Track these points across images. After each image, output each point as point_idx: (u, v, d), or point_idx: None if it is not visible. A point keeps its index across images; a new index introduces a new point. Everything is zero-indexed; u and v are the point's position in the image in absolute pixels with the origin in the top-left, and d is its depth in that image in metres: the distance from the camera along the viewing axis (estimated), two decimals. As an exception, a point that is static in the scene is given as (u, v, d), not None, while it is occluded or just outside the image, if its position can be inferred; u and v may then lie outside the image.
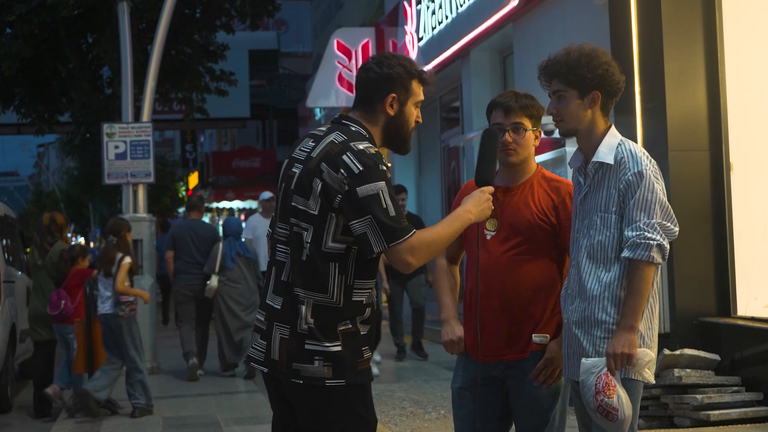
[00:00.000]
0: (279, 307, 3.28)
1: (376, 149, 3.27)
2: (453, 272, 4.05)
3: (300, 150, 3.33)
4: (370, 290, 3.29)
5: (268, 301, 3.33)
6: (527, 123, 3.87)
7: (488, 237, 3.88)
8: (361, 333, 3.28)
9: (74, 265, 8.69)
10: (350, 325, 3.24)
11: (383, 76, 3.32)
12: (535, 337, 3.81)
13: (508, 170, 3.88)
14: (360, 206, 3.15)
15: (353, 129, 3.31)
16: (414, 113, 3.40)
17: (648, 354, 3.45)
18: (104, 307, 8.20)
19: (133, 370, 8.20)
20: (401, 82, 3.33)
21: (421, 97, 3.41)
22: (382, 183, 3.17)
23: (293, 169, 3.30)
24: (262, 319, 3.34)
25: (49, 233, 9.30)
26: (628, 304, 3.43)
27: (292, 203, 3.26)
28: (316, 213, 3.20)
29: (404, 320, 11.19)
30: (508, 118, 3.86)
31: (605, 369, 3.42)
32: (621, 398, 3.40)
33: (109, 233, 8.44)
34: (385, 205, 3.15)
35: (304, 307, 3.22)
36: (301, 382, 3.22)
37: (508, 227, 3.85)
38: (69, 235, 9.59)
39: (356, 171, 3.16)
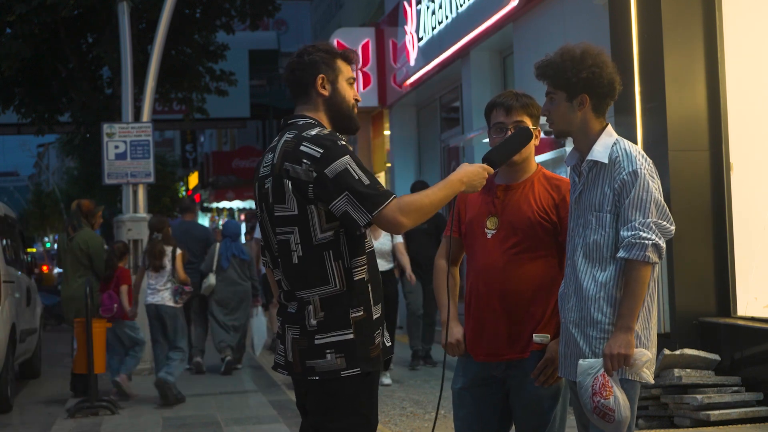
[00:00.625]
0: (293, 311, 3.31)
1: (329, 129, 3.31)
2: (453, 273, 4.03)
3: (263, 167, 3.36)
4: (365, 266, 3.30)
5: (284, 309, 3.38)
6: (528, 122, 3.87)
7: (489, 236, 3.87)
8: (374, 317, 3.30)
9: (121, 261, 9.21)
10: (362, 312, 3.26)
11: (306, 63, 3.38)
12: (536, 337, 3.80)
13: (510, 169, 3.87)
14: (334, 186, 3.16)
15: (300, 123, 3.35)
16: (349, 91, 3.44)
17: (645, 354, 3.44)
18: (154, 299, 8.92)
19: (178, 355, 8.84)
20: (325, 62, 3.39)
21: (351, 74, 3.45)
22: (347, 157, 3.19)
23: (266, 186, 3.32)
24: (279, 324, 3.39)
25: (76, 219, 9.61)
26: (625, 305, 3.41)
27: (276, 214, 3.28)
28: (296, 212, 3.22)
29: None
30: (510, 117, 3.87)
31: (602, 370, 3.41)
32: (618, 399, 3.38)
33: (153, 231, 9.08)
34: (357, 176, 3.17)
35: (311, 307, 3.24)
36: (317, 378, 3.24)
37: (508, 225, 3.84)
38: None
39: (318, 155, 3.18)
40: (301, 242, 3.23)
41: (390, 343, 3.44)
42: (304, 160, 3.18)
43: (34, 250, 59.11)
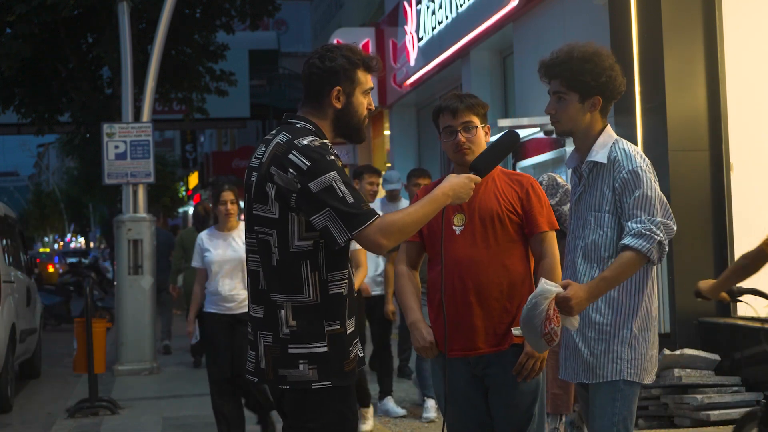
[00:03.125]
0: (261, 316, 3.27)
1: (322, 140, 3.23)
2: (415, 277, 4.07)
3: (255, 158, 3.32)
4: (346, 281, 3.27)
5: (250, 312, 3.34)
6: (476, 120, 3.93)
7: (457, 233, 3.89)
8: (348, 331, 3.27)
9: None
10: (338, 326, 3.23)
11: (326, 70, 3.29)
12: (515, 330, 3.81)
13: (467, 169, 3.86)
14: (316, 201, 3.12)
15: (298, 126, 3.29)
16: (363, 102, 3.35)
17: (573, 324, 3.36)
18: None
19: None
20: (345, 73, 3.29)
21: (369, 84, 3.37)
22: (333, 173, 3.14)
23: (252, 178, 3.29)
24: (250, 330, 3.35)
25: (206, 221, 10.59)
26: (609, 273, 3.35)
27: (254, 212, 3.26)
28: (276, 216, 3.19)
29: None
30: (457, 119, 3.92)
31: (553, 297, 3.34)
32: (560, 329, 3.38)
33: None
34: (341, 194, 3.12)
35: (283, 312, 3.20)
36: (288, 387, 3.22)
37: (477, 221, 3.87)
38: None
39: (304, 167, 3.13)
40: (279, 246, 3.20)
41: (362, 354, 3.39)
42: (291, 170, 3.14)
43: (47, 249, 59.39)
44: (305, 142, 3.18)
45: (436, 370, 4.00)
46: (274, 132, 3.33)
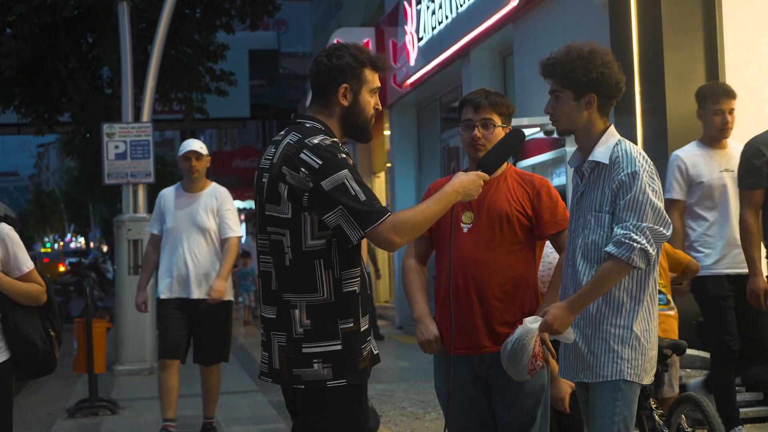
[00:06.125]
0: (273, 317, 3.28)
1: (333, 139, 3.26)
2: (423, 271, 4.06)
3: (264, 159, 3.33)
4: (359, 278, 3.28)
5: (263, 314, 3.35)
6: (496, 119, 3.92)
7: (465, 230, 3.89)
8: (362, 329, 3.28)
9: None
10: (351, 323, 3.24)
11: (333, 68, 3.32)
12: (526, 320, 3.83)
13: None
14: (329, 200, 3.14)
15: (308, 126, 3.31)
16: (370, 101, 3.38)
17: (570, 340, 3.48)
18: None
19: None
20: (352, 71, 3.32)
21: (377, 83, 3.40)
22: (345, 171, 3.16)
23: (262, 180, 3.30)
24: (262, 331, 3.36)
25: None
26: (585, 288, 3.42)
27: (267, 213, 3.27)
28: (289, 216, 3.20)
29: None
30: (478, 114, 3.92)
31: (537, 334, 3.49)
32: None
33: None
34: (354, 192, 3.14)
35: (297, 311, 3.21)
36: (302, 387, 3.23)
37: (485, 220, 3.87)
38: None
39: (316, 166, 3.15)
40: (292, 246, 3.21)
41: (377, 351, 3.41)
42: (302, 169, 3.16)
43: (49, 249, 59.25)
44: (316, 140, 3.20)
45: (439, 368, 3.99)
46: (283, 132, 3.34)
